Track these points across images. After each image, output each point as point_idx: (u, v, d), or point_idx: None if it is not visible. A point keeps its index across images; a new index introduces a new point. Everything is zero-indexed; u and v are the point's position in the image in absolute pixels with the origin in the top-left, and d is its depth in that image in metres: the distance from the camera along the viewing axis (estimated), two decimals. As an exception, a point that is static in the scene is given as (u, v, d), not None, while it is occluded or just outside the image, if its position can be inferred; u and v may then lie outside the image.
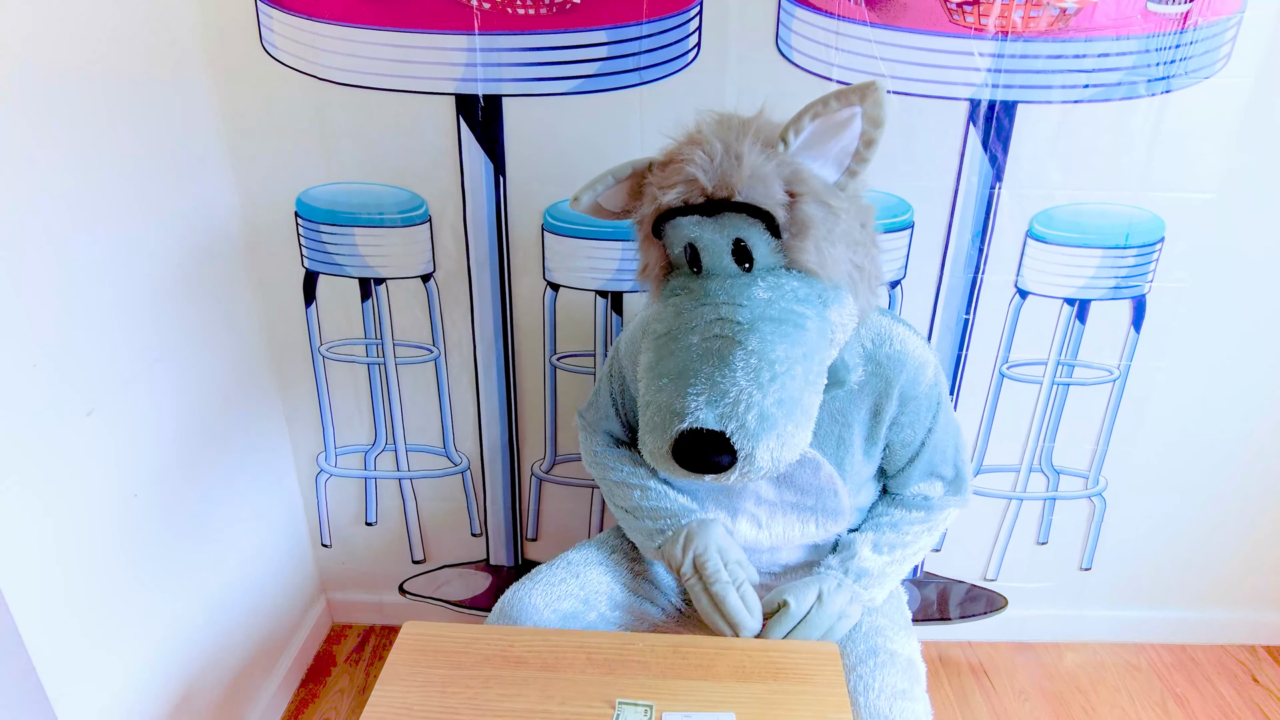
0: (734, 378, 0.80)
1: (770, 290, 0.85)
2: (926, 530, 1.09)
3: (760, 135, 0.86)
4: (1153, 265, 1.36)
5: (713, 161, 0.84)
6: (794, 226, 0.85)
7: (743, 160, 0.83)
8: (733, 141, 0.85)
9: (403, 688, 0.86)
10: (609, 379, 1.17)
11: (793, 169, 0.85)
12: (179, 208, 1.21)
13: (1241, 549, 1.64)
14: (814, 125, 0.85)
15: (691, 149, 0.86)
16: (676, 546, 1.02)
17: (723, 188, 0.84)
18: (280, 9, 1.23)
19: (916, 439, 1.05)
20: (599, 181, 0.94)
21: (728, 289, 0.85)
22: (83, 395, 1.02)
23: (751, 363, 0.80)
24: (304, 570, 1.67)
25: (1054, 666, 1.69)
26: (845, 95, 0.82)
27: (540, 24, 1.22)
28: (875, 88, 0.81)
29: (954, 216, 1.34)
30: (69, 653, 1.01)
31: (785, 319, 0.83)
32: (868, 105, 0.82)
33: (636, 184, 0.95)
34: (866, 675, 0.95)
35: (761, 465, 0.80)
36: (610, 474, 1.14)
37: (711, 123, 0.89)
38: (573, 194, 0.96)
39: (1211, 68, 1.21)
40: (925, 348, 1.03)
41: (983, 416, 1.51)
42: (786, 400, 0.81)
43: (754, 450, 0.79)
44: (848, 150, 0.87)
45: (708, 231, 0.85)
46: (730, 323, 0.83)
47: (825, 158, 0.88)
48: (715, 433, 0.79)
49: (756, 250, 0.85)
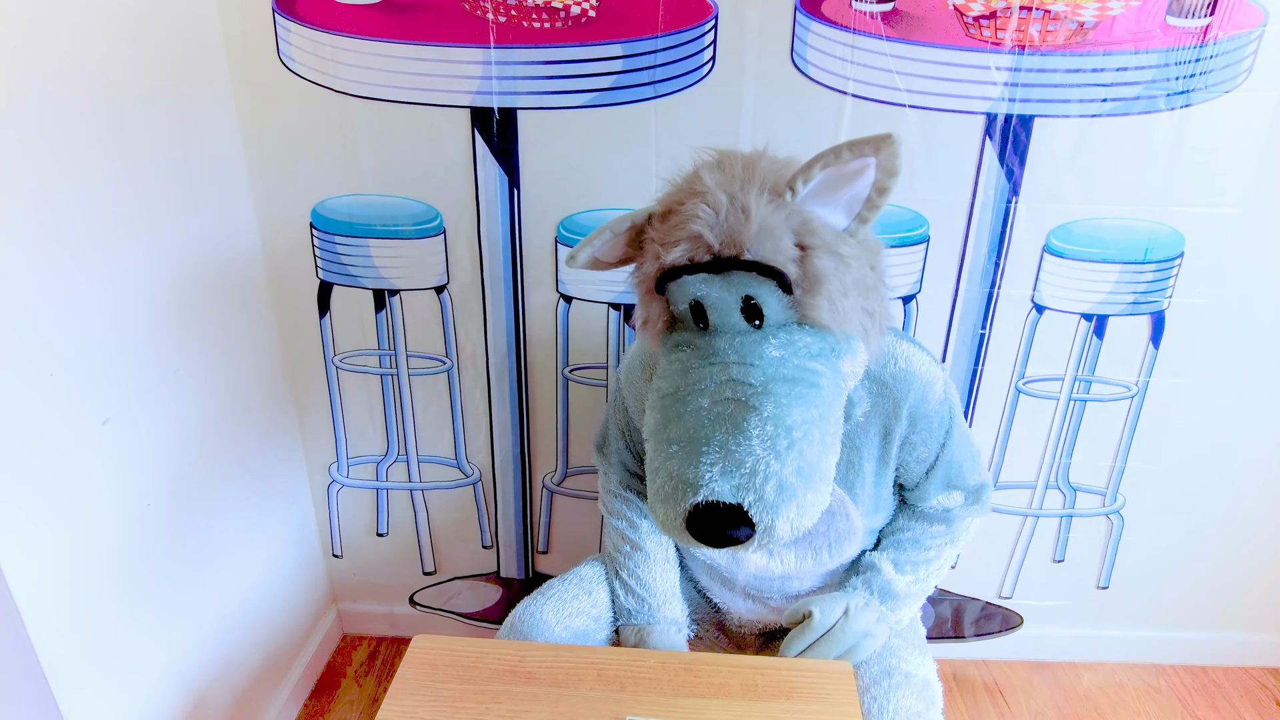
0: (749, 446, 0.76)
1: (782, 348, 0.81)
2: (949, 543, 1.07)
3: (766, 183, 0.81)
4: (1172, 280, 1.35)
5: (718, 215, 0.79)
6: (806, 282, 0.80)
7: (750, 214, 0.78)
8: (738, 192, 0.80)
9: (413, 701, 0.86)
10: (614, 410, 1.16)
11: (802, 218, 0.81)
12: (196, 219, 1.22)
13: (1264, 569, 1.61)
14: (824, 174, 0.80)
15: (694, 202, 0.81)
16: (628, 644, 1.06)
17: (730, 245, 0.79)
18: (298, 22, 1.24)
19: (930, 455, 1.03)
20: (596, 237, 0.89)
21: (737, 347, 0.81)
22: (98, 404, 1.03)
23: (768, 430, 0.77)
24: (315, 580, 1.67)
25: (1072, 687, 1.67)
26: (859, 146, 0.78)
27: (555, 37, 1.22)
28: (891, 141, 0.77)
29: (970, 231, 1.33)
30: (81, 661, 1.01)
31: (799, 378, 0.80)
32: (883, 156, 0.78)
33: (635, 234, 0.90)
34: (881, 697, 0.93)
35: (781, 536, 0.77)
36: (613, 518, 1.15)
37: (711, 166, 0.84)
38: (569, 254, 0.91)
39: (1232, 82, 1.20)
40: (932, 363, 1.00)
41: (999, 432, 1.50)
42: (805, 468, 0.77)
43: (773, 523, 0.76)
44: (859, 197, 0.82)
45: (715, 289, 0.81)
46: (742, 385, 0.79)
47: (835, 204, 0.83)
48: (731, 505, 0.75)
49: (767, 307, 0.81)
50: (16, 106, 0.89)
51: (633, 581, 1.09)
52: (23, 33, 0.90)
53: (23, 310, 0.91)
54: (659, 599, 1.08)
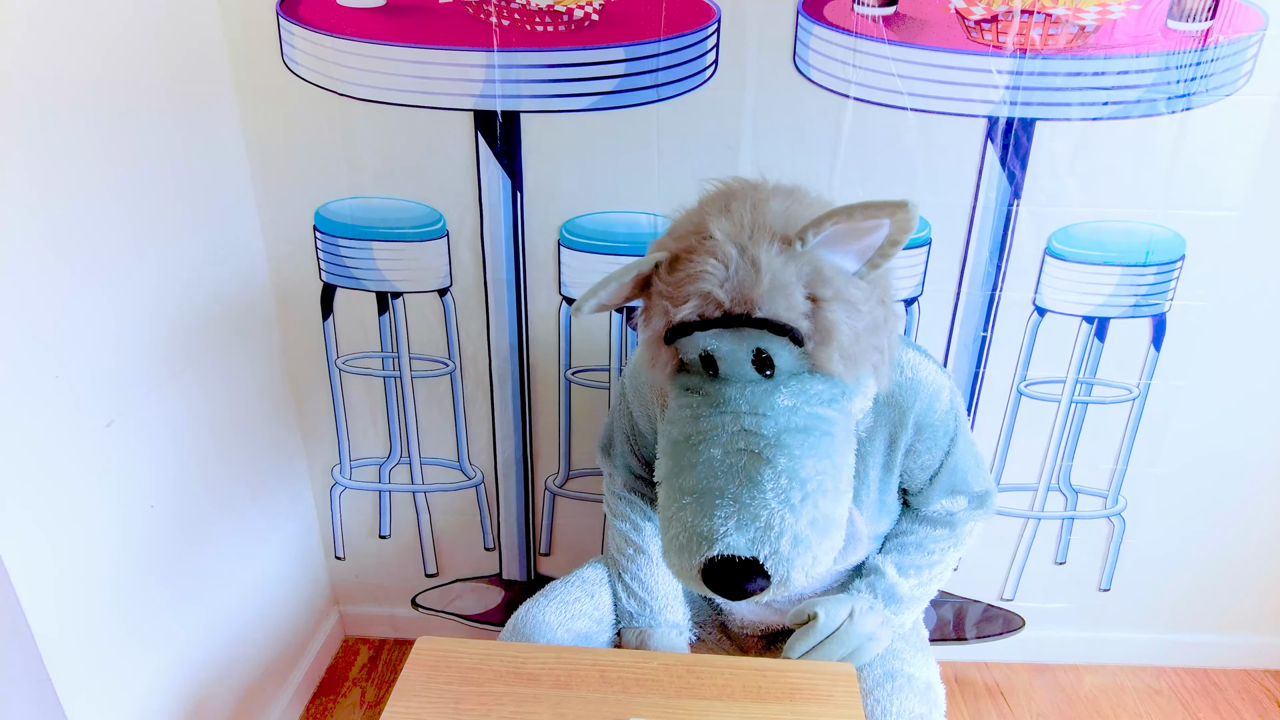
0: (764, 499, 0.76)
1: (794, 397, 0.80)
2: (952, 546, 1.07)
3: (775, 233, 0.79)
4: (1173, 283, 1.35)
5: (728, 269, 0.78)
6: (818, 335, 0.79)
7: (760, 269, 0.77)
8: (747, 244, 0.78)
9: (415, 703, 0.86)
10: (619, 414, 1.16)
11: (813, 267, 0.79)
12: (200, 221, 1.22)
13: (1266, 571, 1.61)
14: (835, 229, 0.78)
15: (703, 257, 0.79)
16: (630, 646, 1.06)
17: (740, 303, 0.78)
18: (302, 25, 1.24)
19: (935, 462, 1.03)
20: (601, 288, 0.85)
21: (749, 397, 0.80)
22: (102, 407, 1.03)
23: (781, 483, 0.76)
24: (317, 583, 1.67)
25: (1073, 689, 1.67)
26: (873, 210, 0.76)
27: (558, 41, 1.22)
28: (907, 208, 0.75)
29: (972, 233, 1.33)
30: (84, 662, 1.01)
31: (812, 427, 0.80)
32: (898, 219, 0.77)
33: (641, 280, 0.87)
34: (884, 699, 0.94)
35: (796, 586, 0.78)
36: (617, 521, 1.15)
37: (718, 211, 0.82)
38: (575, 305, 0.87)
39: (1233, 85, 1.21)
40: (938, 372, 1.00)
41: (1000, 435, 1.50)
42: (819, 520, 0.77)
43: (789, 574, 0.76)
44: (870, 247, 0.81)
45: (726, 343, 0.80)
46: (755, 435, 0.78)
47: (845, 251, 0.82)
48: (747, 560, 0.75)
49: (779, 359, 0.80)
50: (21, 111, 0.90)
51: (635, 584, 1.09)
52: (26, 38, 0.90)
53: (26, 312, 0.92)
54: (661, 602, 1.08)
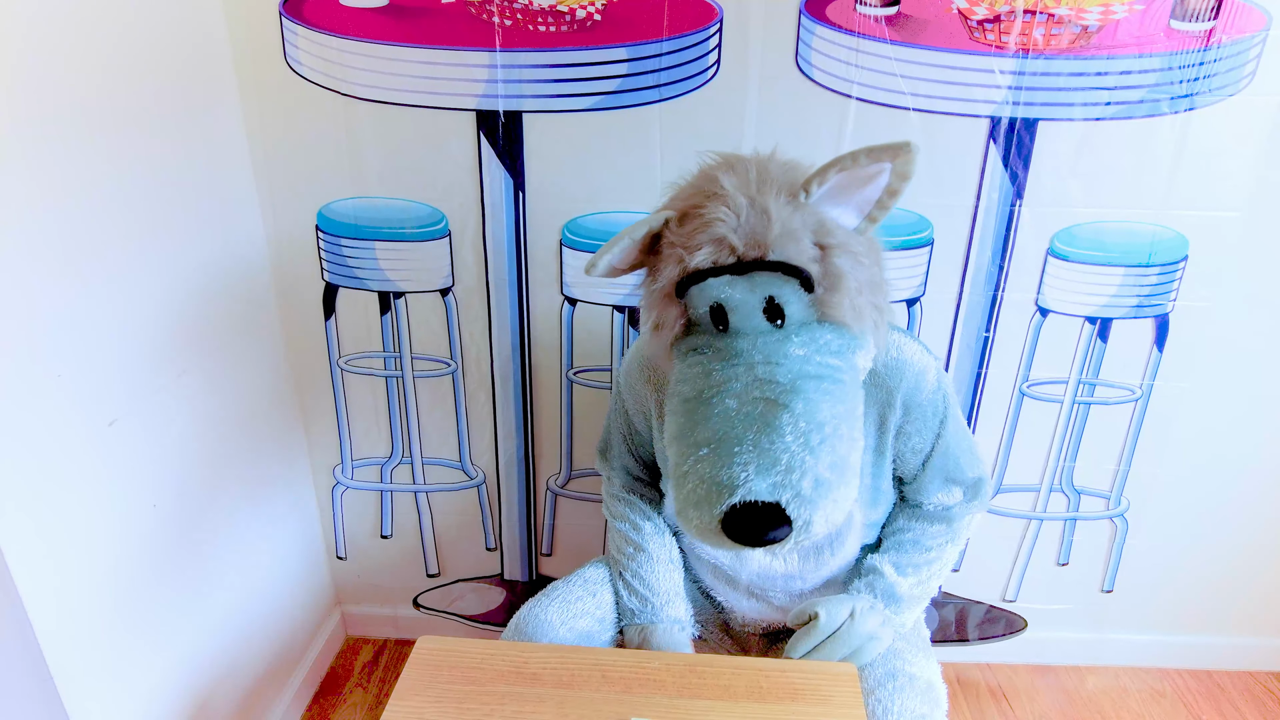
0: (784, 443, 0.76)
1: (805, 346, 0.82)
2: (949, 542, 1.07)
3: (781, 186, 0.83)
4: (1176, 284, 1.35)
5: (739, 218, 0.81)
6: (827, 280, 0.83)
7: (771, 216, 0.81)
8: (756, 195, 0.82)
9: (417, 702, 0.86)
10: (615, 414, 1.16)
11: (818, 219, 0.83)
12: (203, 222, 1.23)
13: (1269, 572, 1.61)
14: (839, 178, 0.83)
15: (715, 205, 0.82)
16: (632, 644, 1.06)
17: (754, 247, 0.81)
18: (305, 26, 1.24)
19: (926, 445, 1.03)
20: (614, 244, 0.87)
21: (761, 347, 0.82)
22: (105, 406, 1.03)
23: (800, 426, 0.77)
24: (319, 583, 1.67)
25: (1075, 691, 1.66)
26: (877, 153, 0.81)
27: (561, 41, 1.23)
28: (909, 149, 0.79)
29: (974, 234, 1.33)
30: (86, 662, 1.01)
31: (824, 375, 0.81)
32: (899, 163, 0.81)
33: (651, 239, 0.90)
34: (885, 699, 0.93)
35: (816, 532, 0.78)
36: (616, 522, 1.15)
37: (725, 169, 0.86)
38: (587, 263, 0.90)
39: (1236, 85, 1.20)
40: (923, 352, 1.01)
41: (1003, 435, 1.50)
42: (838, 463, 0.78)
43: (811, 517, 0.76)
44: (869, 200, 0.85)
45: (738, 291, 0.82)
46: (770, 384, 0.80)
47: (845, 205, 0.86)
48: (769, 504, 0.76)
49: (790, 307, 0.83)
50: (25, 112, 0.90)
51: (636, 582, 1.09)
52: (29, 40, 0.91)
53: (29, 312, 0.92)
54: (662, 599, 1.08)
